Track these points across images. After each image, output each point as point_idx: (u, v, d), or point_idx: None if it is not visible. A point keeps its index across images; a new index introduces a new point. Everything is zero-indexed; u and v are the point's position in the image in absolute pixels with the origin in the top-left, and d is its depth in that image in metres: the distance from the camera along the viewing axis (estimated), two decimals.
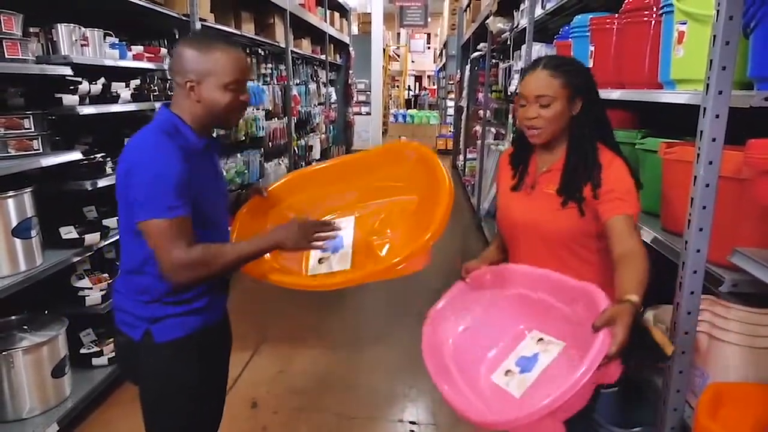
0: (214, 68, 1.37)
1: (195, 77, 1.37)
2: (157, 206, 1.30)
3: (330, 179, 1.85)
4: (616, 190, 1.41)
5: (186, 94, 1.39)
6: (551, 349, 1.33)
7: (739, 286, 1.26)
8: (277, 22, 5.55)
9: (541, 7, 3.44)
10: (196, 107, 1.40)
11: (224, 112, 1.41)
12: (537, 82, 1.48)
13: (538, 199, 1.54)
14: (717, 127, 1.20)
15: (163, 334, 1.45)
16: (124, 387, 2.78)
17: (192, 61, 1.37)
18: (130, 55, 3.00)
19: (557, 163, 1.52)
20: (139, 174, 1.31)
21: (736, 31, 1.16)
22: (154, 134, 1.37)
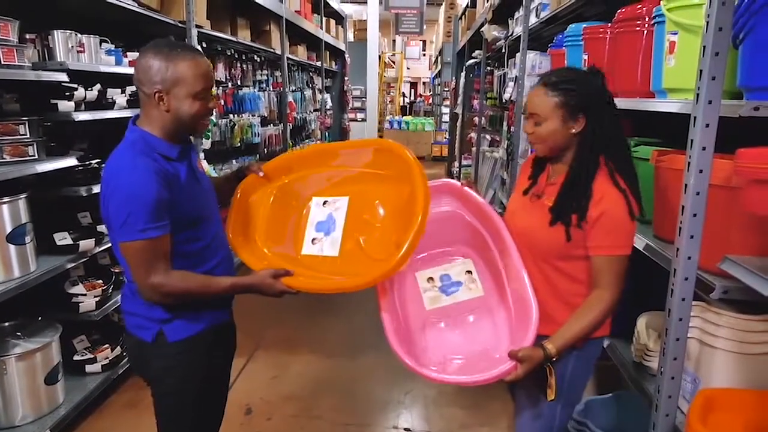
0: (182, 78, 1.37)
1: (163, 87, 1.38)
2: (133, 229, 1.34)
3: (325, 160, 1.84)
4: (601, 227, 1.42)
5: (154, 104, 1.40)
6: (472, 289, 1.64)
7: (729, 293, 1.27)
8: (272, 28, 5.57)
9: (535, 16, 3.47)
10: (165, 117, 1.42)
11: (193, 120, 1.44)
12: (533, 99, 1.50)
13: (538, 210, 1.54)
14: (707, 136, 1.21)
15: (175, 333, 1.51)
16: (117, 394, 2.77)
17: (159, 72, 1.37)
18: (126, 61, 3.01)
19: (561, 178, 1.52)
20: (115, 197, 1.35)
21: (725, 42, 1.18)
22: (129, 155, 1.39)
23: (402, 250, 1.43)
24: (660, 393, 1.37)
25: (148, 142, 1.42)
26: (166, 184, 1.38)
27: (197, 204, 1.52)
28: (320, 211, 1.73)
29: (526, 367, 1.36)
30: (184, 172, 1.48)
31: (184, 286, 1.44)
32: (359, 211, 1.70)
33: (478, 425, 2.65)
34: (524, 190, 1.62)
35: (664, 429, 1.38)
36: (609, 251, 1.43)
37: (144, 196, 1.33)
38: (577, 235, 1.45)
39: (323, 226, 1.70)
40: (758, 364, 1.35)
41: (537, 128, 1.50)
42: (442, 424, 2.65)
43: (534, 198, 1.58)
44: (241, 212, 1.76)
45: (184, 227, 1.46)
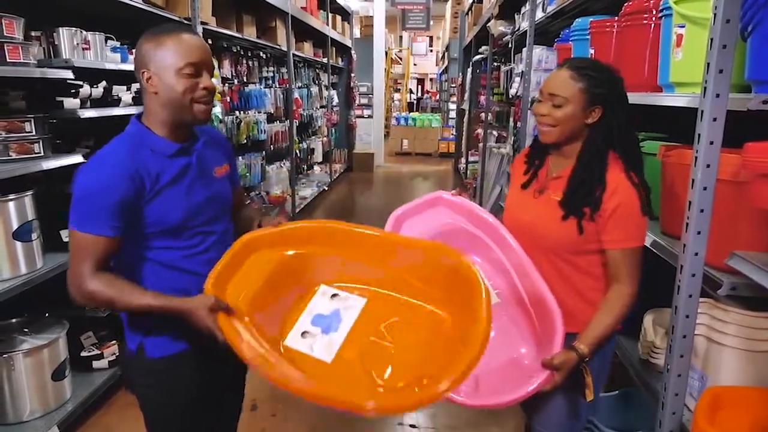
0: (164, 55, 1.31)
1: (150, 68, 1.32)
2: (80, 218, 1.28)
3: (359, 244, 1.49)
4: (617, 219, 1.39)
5: (146, 91, 1.35)
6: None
7: (737, 290, 1.26)
8: (278, 25, 5.56)
9: (542, 10, 3.44)
10: (156, 102, 1.35)
11: (182, 100, 1.33)
12: (555, 80, 1.45)
13: (544, 204, 1.51)
14: (714, 130, 1.20)
15: (154, 348, 1.41)
16: (124, 390, 2.78)
17: (146, 54, 1.33)
18: (132, 58, 3.01)
19: (567, 170, 1.49)
20: (80, 184, 1.29)
21: (733, 35, 1.16)
22: (112, 146, 1.34)
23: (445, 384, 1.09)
24: (666, 390, 1.36)
25: (141, 137, 1.36)
26: (134, 184, 1.29)
27: (190, 208, 1.39)
28: (325, 303, 1.43)
29: (563, 374, 1.32)
30: (175, 171, 1.37)
31: (106, 294, 1.29)
32: (376, 319, 1.39)
33: (485, 423, 2.64)
34: (523, 184, 1.58)
35: (670, 427, 1.37)
36: (625, 244, 1.41)
37: (106, 194, 1.27)
38: (590, 228, 1.42)
39: (323, 322, 1.38)
40: (766, 361, 1.34)
41: (555, 110, 1.44)
42: (448, 422, 2.64)
43: (536, 193, 1.54)
44: (234, 264, 1.41)
45: (167, 232, 1.37)
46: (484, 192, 6.00)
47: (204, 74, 1.35)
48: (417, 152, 12.73)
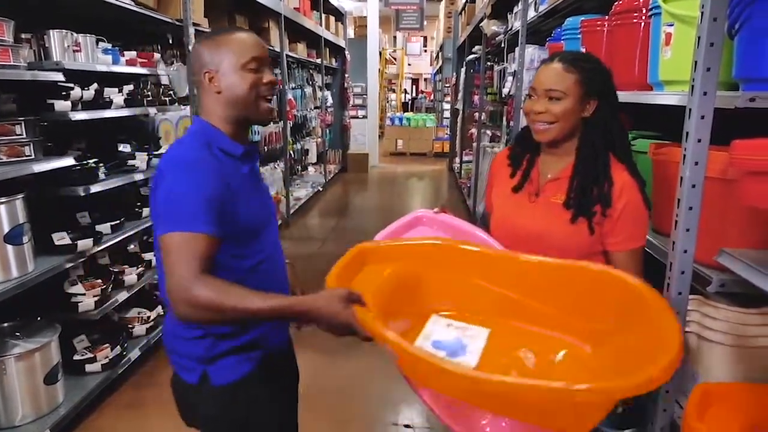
0: (227, 52, 1.29)
1: (211, 67, 1.29)
2: (178, 219, 1.15)
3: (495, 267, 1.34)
4: (629, 219, 1.38)
5: (207, 89, 1.31)
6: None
7: (726, 286, 1.26)
8: (271, 26, 5.56)
9: (533, 10, 3.45)
10: (220, 101, 1.30)
11: (248, 97, 1.29)
12: (549, 75, 1.40)
13: (546, 209, 1.45)
14: (702, 127, 1.20)
15: (221, 375, 1.30)
16: (117, 393, 2.77)
17: (205, 54, 1.30)
18: (123, 60, 3.01)
19: (565, 171, 1.44)
20: (167, 187, 1.19)
21: (720, 33, 1.17)
22: (191, 146, 1.27)
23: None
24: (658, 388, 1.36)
25: (209, 134, 1.30)
26: (220, 184, 1.21)
27: (253, 214, 1.32)
28: (442, 330, 1.30)
29: None
30: (244, 176, 1.33)
31: (216, 300, 1.10)
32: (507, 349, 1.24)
33: None
34: (514, 188, 1.52)
35: (662, 423, 1.37)
36: (633, 244, 1.40)
37: (199, 192, 1.17)
38: (599, 230, 1.39)
39: (446, 347, 1.24)
40: (757, 357, 1.34)
41: (552, 106, 1.38)
42: None
43: (532, 197, 1.48)
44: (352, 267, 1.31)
45: (233, 240, 1.25)
46: (478, 191, 6.01)
47: (265, 69, 1.32)
48: (412, 152, 12.73)
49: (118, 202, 3.06)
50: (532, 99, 1.45)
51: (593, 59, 1.45)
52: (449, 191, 8.66)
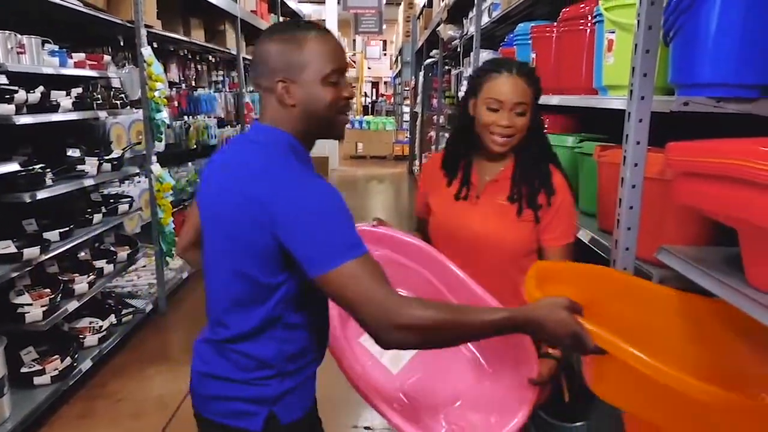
0: (308, 59, 1.11)
1: (287, 75, 1.11)
2: (344, 247, 1.00)
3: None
4: (564, 214, 1.49)
5: (278, 99, 1.13)
6: None
7: (666, 282, 1.32)
8: (228, 29, 5.49)
9: (487, 15, 3.53)
10: (293, 114, 1.13)
11: (327, 113, 1.14)
12: (516, 89, 1.42)
13: (490, 209, 1.50)
14: (641, 130, 1.26)
15: (290, 413, 1.18)
16: (68, 406, 2.69)
17: (280, 56, 1.11)
18: (71, 62, 2.92)
19: (504, 172, 1.51)
20: (304, 219, 1.02)
21: (655, 40, 1.23)
22: (287, 159, 1.10)
23: None
24: None
25: (295, 149, 1.14)
26: None
27: None
28: None
29: (548, 383, 1.36)
30: None
31: (435, 317, 0.98)
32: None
33: None
34: (456, 194, 1.54)
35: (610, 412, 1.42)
36: (567, 240, 1.51)
37: (339, 206, 1.04)
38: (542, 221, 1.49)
39: None
40: None
41: (517, 120, 1.43)
42: None
43: (473, 200, 1.53)
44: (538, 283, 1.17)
45: None
46: None
47: (344, 81, 1.17)
48: (372, 155, 12.76)
49: (68, 209, 2.97)
50: (496, 112, 1.43)
51: (534, 69, 1.53)
52: (409, 194, 8.72)
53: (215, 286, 1.18)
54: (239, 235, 1.08)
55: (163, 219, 3.73)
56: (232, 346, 1.15)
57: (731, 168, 0.94)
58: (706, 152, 1.03)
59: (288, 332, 1.15)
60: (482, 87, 1.46)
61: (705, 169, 1.03)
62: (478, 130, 1.49)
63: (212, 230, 1.17)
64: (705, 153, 1.03)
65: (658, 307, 1.23)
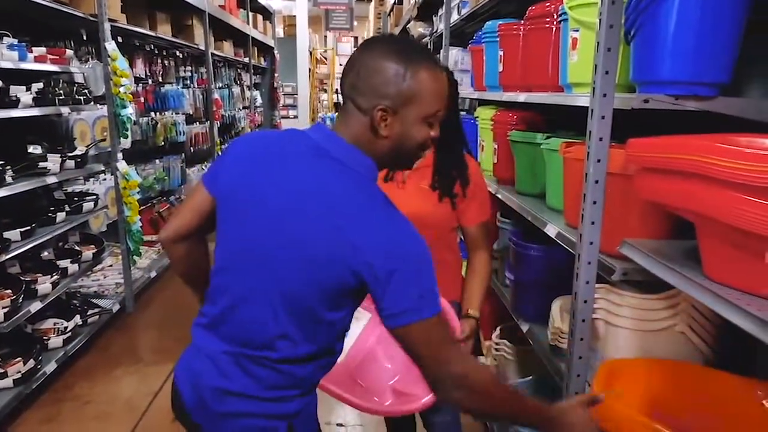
0: (419, 93, 1.02)
1: (392, 104, 1.02)
2: (431, 302, 0.99)
3: None
4: (477, 198, 1.70)
5: (369, 124, 1.04)
6: (360, 318, 1.56)
7: (629, 275, 1.35)
8: (195, 23, 5.40)
9: (456, 13, 3.54)
10: (381, 144, 1.05)
11: (412, 153, 1.09)
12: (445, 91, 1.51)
13: (414, 194, 1.68)
14: (603, 127, 1.28)
15: (306, 425, 1.18)
16: (31, 410, 2.62)
17: (389, 81, 1.01)
18: (31, 56, 2.83)
19: (425, 161, 1.68)
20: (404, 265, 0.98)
21: (616, 39, 1.25)
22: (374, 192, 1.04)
23: None
24: (570, 372, 1.44)
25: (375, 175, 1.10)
26: None
27: None
28: None
29: (473, 339, 1.59)
30: None
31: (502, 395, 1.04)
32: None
33: None
34: (384, 178, 1.71)
35: None
36: (483, 217, 1.73)
37: (426, 253, 1.01)
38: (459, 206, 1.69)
39: None
40: (657, 339, 1.44)
41: None
42: (374, 417, 2.67)
43: (400, 184, 1.70)
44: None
45: None
46: None
47: (437, 121, 1.10)
48: None
49: (30, 207, 2.89)
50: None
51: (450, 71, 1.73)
52: None
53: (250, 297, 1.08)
54: (309, 263, 1.01)
55: (129, 217, 3.66)
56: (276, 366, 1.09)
57: (689, 164, 0.97)
58: (665, 148, 1.06)
59: (329, 358, 1.16)
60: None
61: (664, 164, 1.06)
62: None
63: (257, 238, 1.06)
64: (664, 149, 1.06)
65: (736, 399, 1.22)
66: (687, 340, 1.40)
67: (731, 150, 0.88)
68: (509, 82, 2.38)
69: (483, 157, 2.65)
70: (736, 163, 0.87)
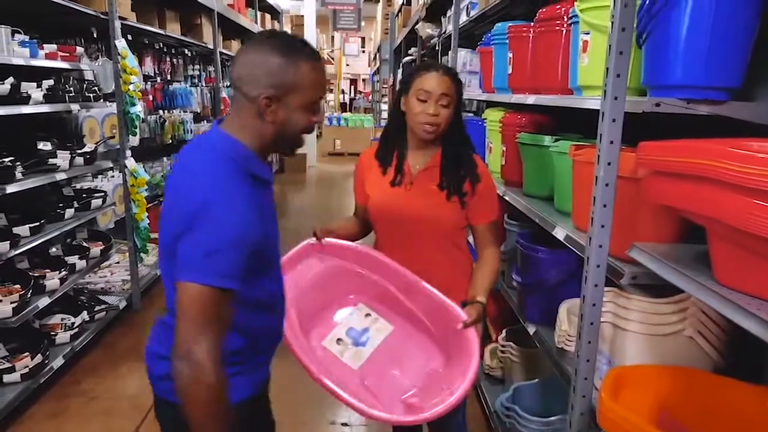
0: (301, 83, 1.13)
1: (275, 92, 1.12)
2: (209, 270, 1.04)
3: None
4: (487, 196, 1.73)
5: (255, 111, 1.14)
6: (381, 328, 1.59)
7: (638, 279, 1.35)
8: (204, 22, 5.42)
9: (465, 14, 3.55)
10: (266, 129, 1.15)
11: (296, 136, 1.19)
12: (441, 83, 1.63)
13: (422, 194, 1.70)
14: (614, 130, 1.28)
15: None
16: (39, 404, 2.64)
17: (275, 72, 1.11)
18: (42, 53, 2.85)
19: (433, 161, 1.70)
20: (201, 226, 1.05)
21: (628, 42, 1.25)
22: (226, 170, 1.12)
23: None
24: (577, 375, 1.44)
25: (245, 158, 1.16)
26: (261, 219, 1.14)
27: (271, 244, 1.26)
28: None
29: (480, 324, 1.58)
30: (270, 202, 1.25)
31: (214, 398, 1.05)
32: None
33: None
34: (392, 182, 1.72)
35: (581, 409, 1.45)
36: (493, 217, 1.75)
37: (240, 239, 1.07)
38: (468, 204, 1.70)
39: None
40: (666, 344, 1.44)
41: (443, 110, 1.64)
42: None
43: (408, 186, 1.71)
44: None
45: (262, 270, 1.21)
46: None
47: (319, 106, 1.21)
48: (350, 152, 12.72)
49: (38, 204, 2.91)
50: (424, 102, 1.63)
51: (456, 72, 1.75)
52: None
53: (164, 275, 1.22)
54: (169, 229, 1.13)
55: (137, 214, 3.67)
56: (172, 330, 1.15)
57: (701, 168, 0.97)
58: (677, 152, 1.06)
59: None
60: (413, 83, 1.67)
61: (676, 168, 1.06)
62: (409, 122, 1.70)
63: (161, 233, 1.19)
64: (676, 153, 1.06)
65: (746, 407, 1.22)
66: (696, 345, 1.39)
67: (743, 154, 0.88)
68: (518, 84, 2.38)
69: (491, 159, 2.64)
70: (748, 167, 0.87)
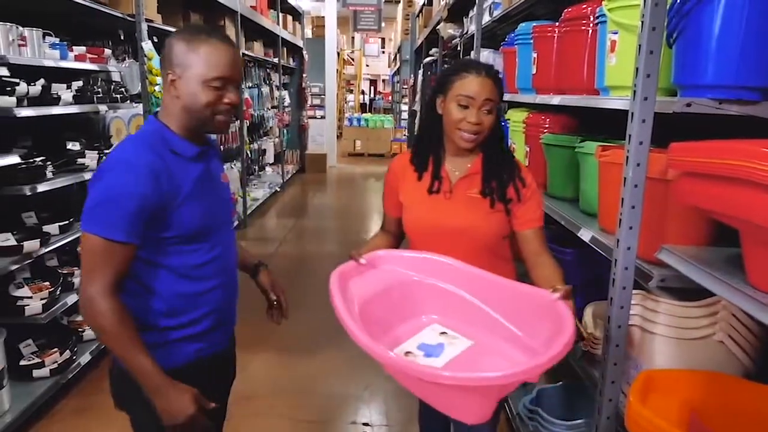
0: (197, 62, 1.27)
1: (177, 71, 1.29)
2: (99, 220, 1.21)
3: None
4: (533, 200, 1.57)
5: (168, 89, 1.32)
6: (456, 344, 1.34)
7: (666, 281, 1.33)
8: (227, 24, 5.48)
9: (488, 14, 3.53)
10: (176, 105, 1.31)
11: (204, 111, 1.30)
12: (485, 87, 1.47)
13: (463, 204, 1.55)
14: (644, 130, 1.27)
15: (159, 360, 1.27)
16: (66, 399, 2.69)
17: (176, 54, 1.29)
18: (72, 55, 2.91)
19: (474, 167, 1.56)
20: (99, 185, 1.23)
21: (659, 41, 1.24)
22: (134, 147, 1.29)
23: None
24: (604, 379, 1.43)
25: (162, 136, 1.32)
26: (161, 188, 1.25)
27: (205, 213, 1.36)
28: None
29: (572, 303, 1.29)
30: (196, 175, 1.34)
31: (107, 323, 1.21)
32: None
33: None
34: (429, 189, 1.57)
35: (608, 413, 1.44)
36: (539, 222, 1.57)
37: (129, 197, 1.21)
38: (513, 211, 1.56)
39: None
40: (695, 348, 1.42)
41: (485, 117, 1.48)
42: (400, 417, 2.68)
43: (447, 194, 1.56)
44: None
45: (184, 238, 1.33)
46: None
47: (230, 88, 1.32)
48: (370, 153, 12.76)
49: (67, 202, 2.97)
50: (465, 109, 1.48)
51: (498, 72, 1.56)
52: None
53: None
54: None
55: None
56: None
57: (734, 169, 0.95)
58: (709, 153, 1.04)
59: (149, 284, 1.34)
60: (452, 85, 1.50)
61: (708, 169, 1.04)
62: (446, 128, 1.54)
63: None
64: (708, 154, 1.04)
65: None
66: (726, 350, 1.37)
67: None
68: (543, 85, 2.36)
69: None
70: None
